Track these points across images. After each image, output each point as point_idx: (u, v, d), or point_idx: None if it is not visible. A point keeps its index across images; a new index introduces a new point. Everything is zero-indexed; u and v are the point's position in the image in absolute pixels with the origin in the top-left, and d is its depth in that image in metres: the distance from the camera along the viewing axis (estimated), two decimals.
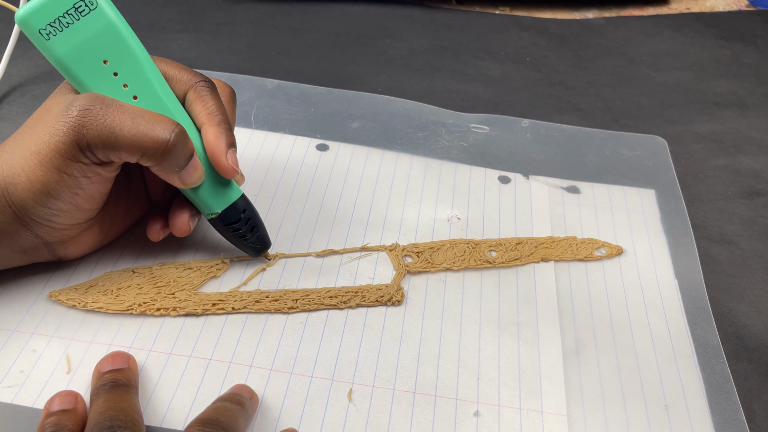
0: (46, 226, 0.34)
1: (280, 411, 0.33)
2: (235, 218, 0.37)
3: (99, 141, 0.31)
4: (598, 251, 0.43)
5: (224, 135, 0.35)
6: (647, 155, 0.51)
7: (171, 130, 0.32)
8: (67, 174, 0.32)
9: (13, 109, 0.51)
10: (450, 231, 0.43)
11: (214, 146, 0.35)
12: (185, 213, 0.37)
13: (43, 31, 0.31)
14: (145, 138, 0.32)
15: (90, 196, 0.34)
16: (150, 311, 0.36)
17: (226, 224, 0.37)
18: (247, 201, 0.38)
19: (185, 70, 0.36)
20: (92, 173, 0.33)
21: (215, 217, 0.37)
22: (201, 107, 0.35)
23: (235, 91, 0.39)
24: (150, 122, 0.32)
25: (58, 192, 0.32)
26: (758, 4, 0.75)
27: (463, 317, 0.38)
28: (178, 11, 0.65)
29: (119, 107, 0.32)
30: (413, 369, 0.35)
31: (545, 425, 0.33)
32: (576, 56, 0.65)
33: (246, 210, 0.38)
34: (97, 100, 0.32)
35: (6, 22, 0.60)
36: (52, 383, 0.33)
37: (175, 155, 0.33)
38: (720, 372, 0.37)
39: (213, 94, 0.36)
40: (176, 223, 0.37)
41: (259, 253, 0.39)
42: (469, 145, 0.51)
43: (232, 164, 0.35)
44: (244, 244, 0.39)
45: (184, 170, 0.34)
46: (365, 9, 0.69)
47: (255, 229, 0.38)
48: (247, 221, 0.38)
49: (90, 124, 0.31)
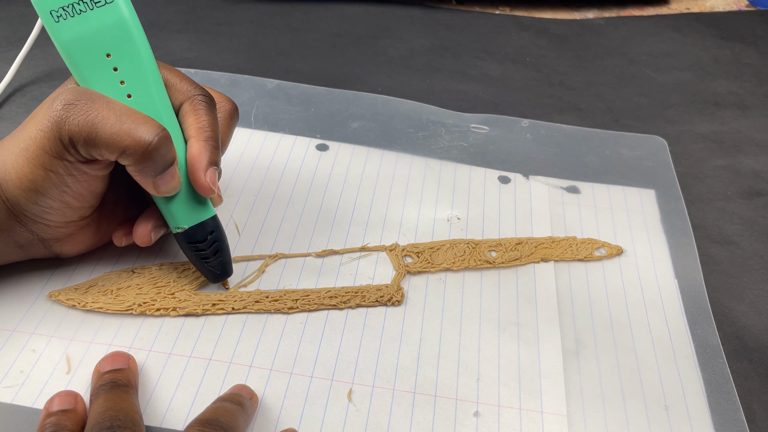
0: (40, 224, 0.34)
1: (280, 411, 0.33)
2: (201, 238, 0.36)
3: (80, 136, 0.31)
4: (598, 251, 0.43)
5: (208, 152, 0.34)
6: (647, 155, 0.51)
7: (155, 133, 0.32)
8: (52, 171, 0.32)
9: (13, 109, 0.51)
10: (450, 231, 0.43)
11: (195, 161, 0.34)
12: (150, 223, 0.36)
13: (54, 12, 0.31)
14: (127, 137, 0.31)
15: (79, 194, 0.34)
16: (150, 311, 0.36)
17: (189, 242, 0.36)
18: (217, 223, 0.37)
19: (187, 81, 0.35)
20: (77, 171, 0.33)
21: (180, 233, 0.36)
22: (193, 120, 0.34)
23: (237, 108, 0.38)
24: (135, 122, 0.32)
25: (45, 189, 0.32)
26: (758, 4, 0.75)
27: (462, 317, 0.38)
28: (178, 11, 0.65)
29: (106, 104, 0.32)
30: (413, 369, 0.35)
31: (545, 425, 0.33)
32: (576, 56, 0.65)
33: (214, 232, 0.36)
34: (83, 94, 0.32)
35: (11, 26, 0.60)
36: (52, 383, 0.33)
37: (155, 159, 0.32)
38: (720, 372, 0.37)
39: (209, 110, 0.35)
40: (138, 231, 0.36)
41: (218, 279, 0.38)
42: (469, 145, 0.51)
43: (209, 183, 0.34)
44: (204, 266, 0.37)
45: (161, 177, 0.33)
46: (365, 9, 0.69)
47: (219, 253, 0.37)
48: (213, 243, 0.36)
49: (72, 118, 0.31)
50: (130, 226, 0.37)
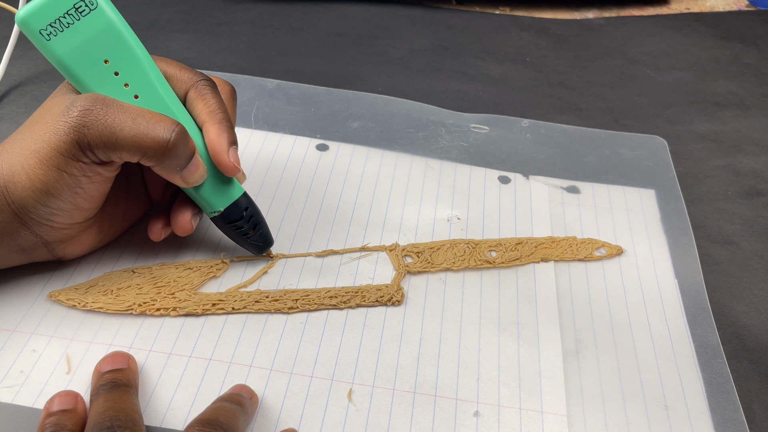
0: (46, 226, 0.34)
1: (280, 411, 0.33)
2: (237, 216, 0.37)
3: (100, 141, 0.31)
4: (598, 251, 0.43)
5: (226, 133, 0.35)
6: (647, 155, 0.51)
7: (171, 130, 0.32)
8: (67, 173, 0.32)
9: (13, 109, 0.51)
10: (450, 231, 0.43)
11: (215, 144, 0.35)
12: (187, 212, 0.37)
13: (43, 31, 0.31)
14: (146, 138, 0.32)
15: (90, 195, 0.34)
16: (150, 311, 0.36)
17: (228, 222, 0.37)
18: (249, 199, 0.38)
19: (185, 69, 0.36)
20: (92, 173, 0.33)
21: (218, 216, 0.37)
22: (202, 106, 0.35)
23: (235, 89, 0.39)
24: (150, 122, 0.32)
25: (58, 191, 0.32)
26: (758, 4, 0.75)
27: (462, 317, 0.38)
28: (177, 11, 0.65)
29: (120, 107, 0.32)
30: (413, 369, 0.35)
31: (545, 425, 0.33)
32: (576, 56, 0.65)
33: (248, 208, 0.38)
34: (97, 100, 0.32)
35: (6, 23, 0.60)
36: (52, 383, 0.33)
37: (176, 155, 0.33)
38: (720, 372, 0.37)
39: (214, 93, 0.36)
40: (178, 222, 0.37)
41: (262, 251, 0.39)
42: (469, 145, 0.51)
43: (233, 162, 0.35)
44: (247, 242, 0.39)
45: (186, 169, 0.34)
46: (365, 9, 0.69)
47: (257, 226, 0.38)
48: (250, 219, 0.38)
49: (91, 124, 0.31)
50: (165, 218, 0.38)
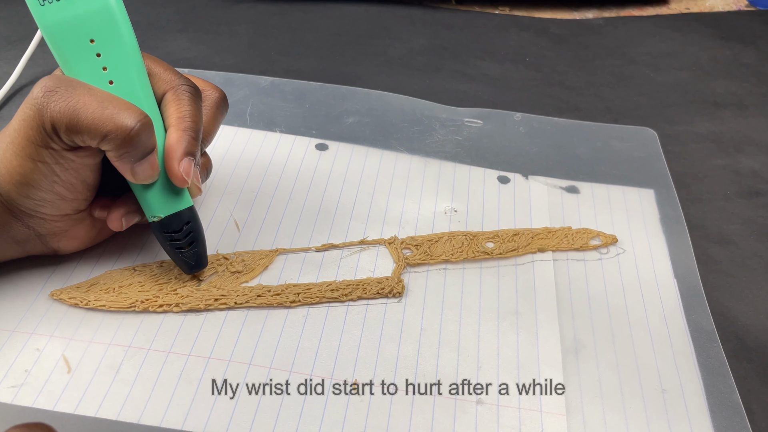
0: (36, 218, 0.34)
1: (279, 410, 0.33)
2: (176, 228, 0.36)
3: (61, 122, 0.31)
4: (594, 240, 0.43)
5: (185, 142, 0.34)
6: (638, 147, 0.52)
7: (137, 119, 0.32)
8: (40, 161, 0.32)
9: (14, 109, 0.51)
10: (449, 224, 0.43)
11: (170, 150, 0.34)
12: (122, 209, 0.36)
13: None
14: (109, 122, 0.31)
15: (69, 183, 0.34)
16: (153, 308, 0.36)
17: (165, 231, 0.36)
18: (194, 214, 0.36)
19: (171, 71, 0.35)
20: (64, 159, 0.33)
21: (156, 222, 0.36)
22: (174, 109, 0.34)
23: (226, 98, 0.38)
24: (118, 108, 0.32)
25: (36, 181, 0.33)
26: (758, 4, 0.75)
27: (462, 308, 0.38)
28: (177, 11, 0.65)
29: (87, 90, 0.32)
30: (413, 363, 0.35)
31: (544, 423, 0.33)
32: (575, 56, 0.65)
33: (190, 222, 0.36)
34: (63, 81, 0.32)
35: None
36: (52, 383, 0.33)
37: (135, 145, 0.32)
38: (718, 366, 0.37)
39: (192, 100, 0.35)
40: (111, 216, 0.36)
41: (192, 270, 0.37)
42: (463, 138, 0.51)
43: (182, 173, 0.34)
44: (179, 256, 0.37)
45: (140, 164, 0.33)
46: (365, 9, 0.69)
47: (194, 244, 0.37)
48: (189, 234, 0.36)
49: (53, 104, 0.31)
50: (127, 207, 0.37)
